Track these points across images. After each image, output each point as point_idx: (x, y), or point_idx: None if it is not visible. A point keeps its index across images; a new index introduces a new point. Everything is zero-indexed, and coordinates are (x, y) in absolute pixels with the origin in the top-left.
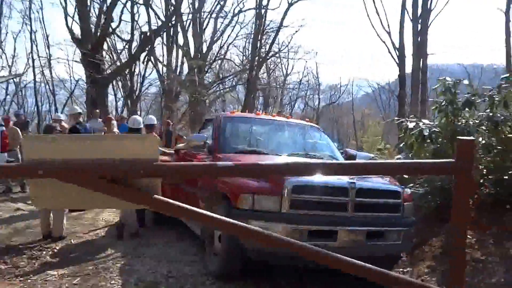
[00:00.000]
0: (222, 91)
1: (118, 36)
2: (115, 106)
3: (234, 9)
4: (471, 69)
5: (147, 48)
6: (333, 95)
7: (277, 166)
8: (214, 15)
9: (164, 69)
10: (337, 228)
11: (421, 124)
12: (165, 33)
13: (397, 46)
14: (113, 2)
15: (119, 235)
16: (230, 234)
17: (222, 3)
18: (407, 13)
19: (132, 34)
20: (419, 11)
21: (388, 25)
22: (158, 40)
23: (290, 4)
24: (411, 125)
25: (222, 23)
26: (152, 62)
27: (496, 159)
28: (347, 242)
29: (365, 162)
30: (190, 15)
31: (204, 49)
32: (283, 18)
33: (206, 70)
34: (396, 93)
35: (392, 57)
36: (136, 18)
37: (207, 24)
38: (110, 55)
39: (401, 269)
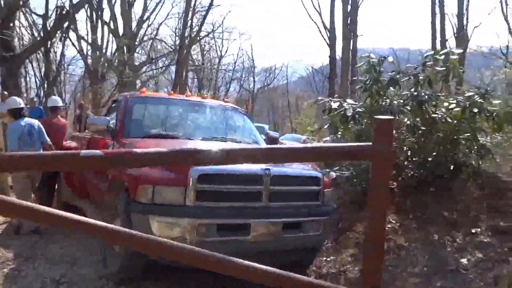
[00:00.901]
0: (153, 72)
1: (30, 10)
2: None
3: None
4: (400, 52)
5: (65, 25)
6: (268, 77)
7: (160, 154)
8: None
9: (89, 47)
10: (249, 221)
11: (345, 104)
12: (88, 8)
13: (328, 27)
14: None
15: (16, 232)
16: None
17: None
18: None
19: (47, 8)
20: None
21: (319, 4)
22: (83, 16)
23: None
24: (334, 105)
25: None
26: (70, 40)
27: (420, 140)
28: (262, 235)
29: (270, 147)
30: None
31: (133, 27)
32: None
33: (135, 49)
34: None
35: (323, 38)
36: None
37: (135, 1)
38: (29, 32)
39: (324, 258)
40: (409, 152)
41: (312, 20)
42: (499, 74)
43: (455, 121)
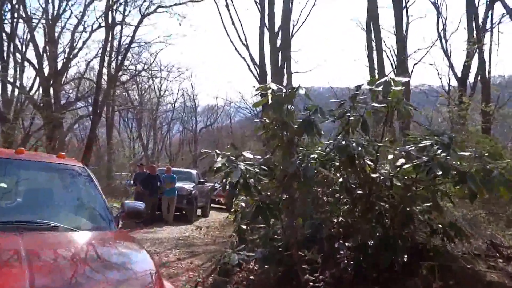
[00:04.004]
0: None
1: None
2: None
3: (93, 24)
4: (341, 92)
5: None
6: (210, 116)
7: None
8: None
9: None
10: None
11: (238, 161)
12: None
13: (258, 62)
14: None
15: None
16: None
17: (79, 16)
18: (266, 27)
19: None
20: (278, 23)
21: (246, 38)
22: None
23: (143, 16)
24: (220, 161)
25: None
26: None
27: (355, 214)
28: None
29: None
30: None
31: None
32: (135, 31)
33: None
34: None
35: (254, 75)
36: None
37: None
38: None
39: None
40: (342, 229)
41: (240, 55)
42: (444, 113)
43: (405, 184)
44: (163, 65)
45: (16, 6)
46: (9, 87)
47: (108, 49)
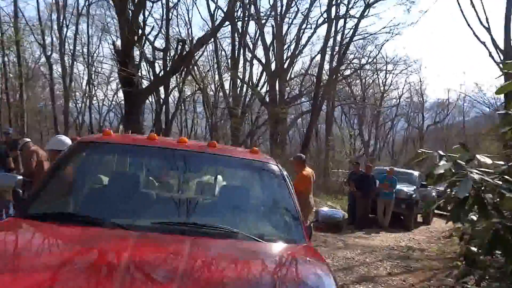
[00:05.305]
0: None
1: (149, 41)
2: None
3: (318, 19)
4: None
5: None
6: (439, 113)
7: None
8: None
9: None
10: None
11: (468, 166)
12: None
13: (501, 47)
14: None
15: None
16: None
17: (304, 12)
18: None
19: (168, 41)
20: None
21: (487, 19)
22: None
23: (367, 6)
24: (443, 167)
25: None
26: (193, 76)
27: None
28: None
29: None
30: (270, 20)
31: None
32: (358, 22)
33: (287, 85)
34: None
35: (496, 62)
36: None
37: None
38: (147, 67)
39: None
40: None
41: (479, 40)
42: None
43: None
44: (388, 57)
45: (247, 5)
46: (238, 83)
47: (331, 44)
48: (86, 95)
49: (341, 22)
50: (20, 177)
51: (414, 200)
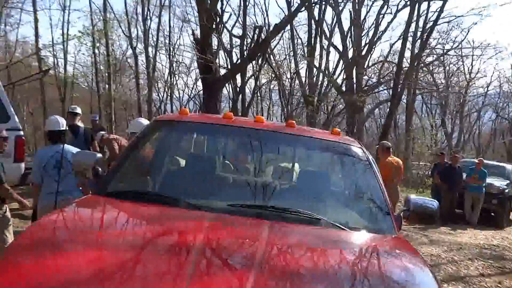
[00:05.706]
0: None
1: (227, 29)
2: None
3: (399, 3)
4: None
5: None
6: None
7: None
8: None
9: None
10: None
11: None
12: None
13: None
14: None
15: None
16: None
17: None
18: None
19: (245, 28)
20: None
21: None
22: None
23: None
24: None
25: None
26: (270, 64)
27: None
28: None
29: None
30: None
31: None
32: (443, 5)
33: (365, 73)
34: None
35: None
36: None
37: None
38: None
39: None
40: None
41: None
42: None
43: None
44: (476, 42)
45: None
46: (314, 71)
47: (412, 28)
48: (168, 84)
49: (424, 4)
50: (100, 155)
51: (506, 196)
